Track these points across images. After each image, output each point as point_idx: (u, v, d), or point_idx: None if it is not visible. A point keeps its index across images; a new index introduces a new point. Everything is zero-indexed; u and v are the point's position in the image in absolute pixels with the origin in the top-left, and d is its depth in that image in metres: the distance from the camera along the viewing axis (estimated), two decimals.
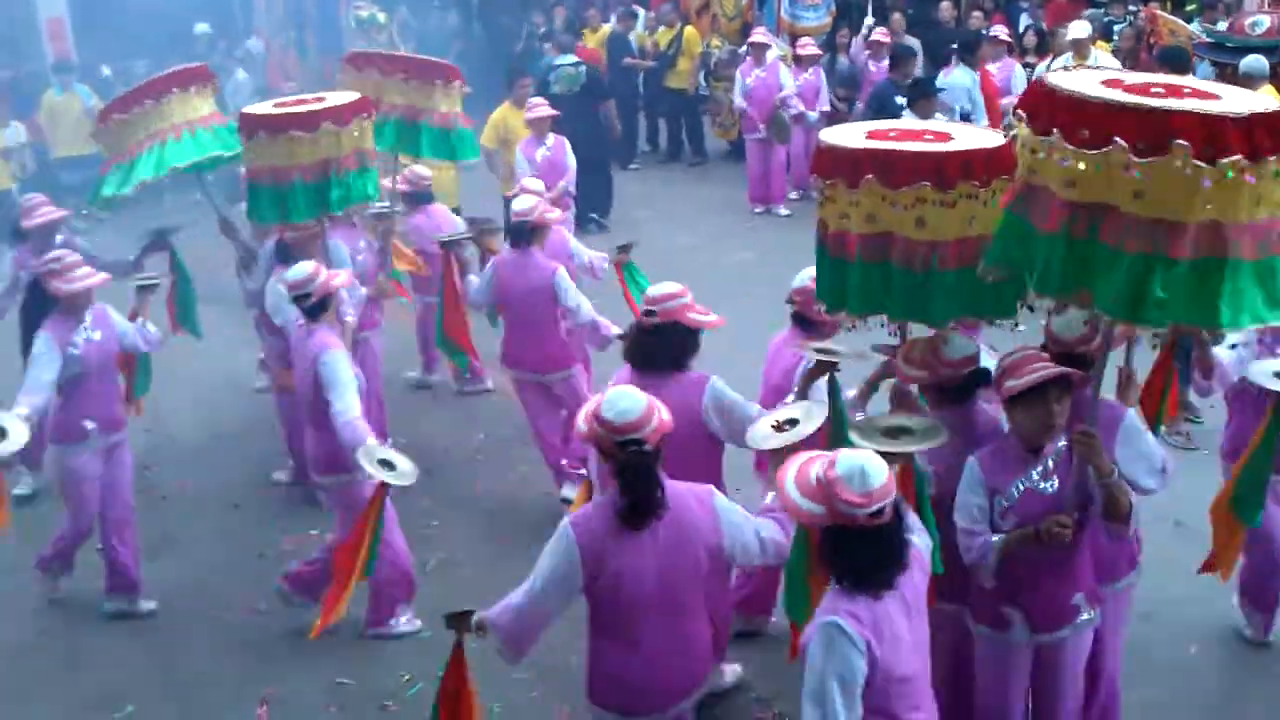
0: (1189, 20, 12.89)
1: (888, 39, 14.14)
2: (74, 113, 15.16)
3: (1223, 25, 12.02)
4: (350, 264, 7.89)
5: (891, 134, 4.80)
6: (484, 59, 17.82)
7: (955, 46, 13.32)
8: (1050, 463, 4.45)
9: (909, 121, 5.86)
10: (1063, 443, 4.47)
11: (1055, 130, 3.85)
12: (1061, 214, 3.87)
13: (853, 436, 4.47)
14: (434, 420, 9.26)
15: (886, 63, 13.51)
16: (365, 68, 8.89)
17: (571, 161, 11.01)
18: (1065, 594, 4.49)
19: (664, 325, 5.37)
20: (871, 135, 4.80)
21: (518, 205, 7.68)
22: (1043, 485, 4.42)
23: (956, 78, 12.51)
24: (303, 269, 6.43)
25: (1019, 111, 4.13)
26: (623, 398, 4.22)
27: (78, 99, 15.32)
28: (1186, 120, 3.62)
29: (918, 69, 13.34)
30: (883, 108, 11.73)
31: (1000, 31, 13.50)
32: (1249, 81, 10.45)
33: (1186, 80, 4.21)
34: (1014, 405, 4.42)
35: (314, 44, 20.35)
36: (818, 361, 5.10)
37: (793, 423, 4.70)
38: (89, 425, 6.67)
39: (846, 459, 3.68)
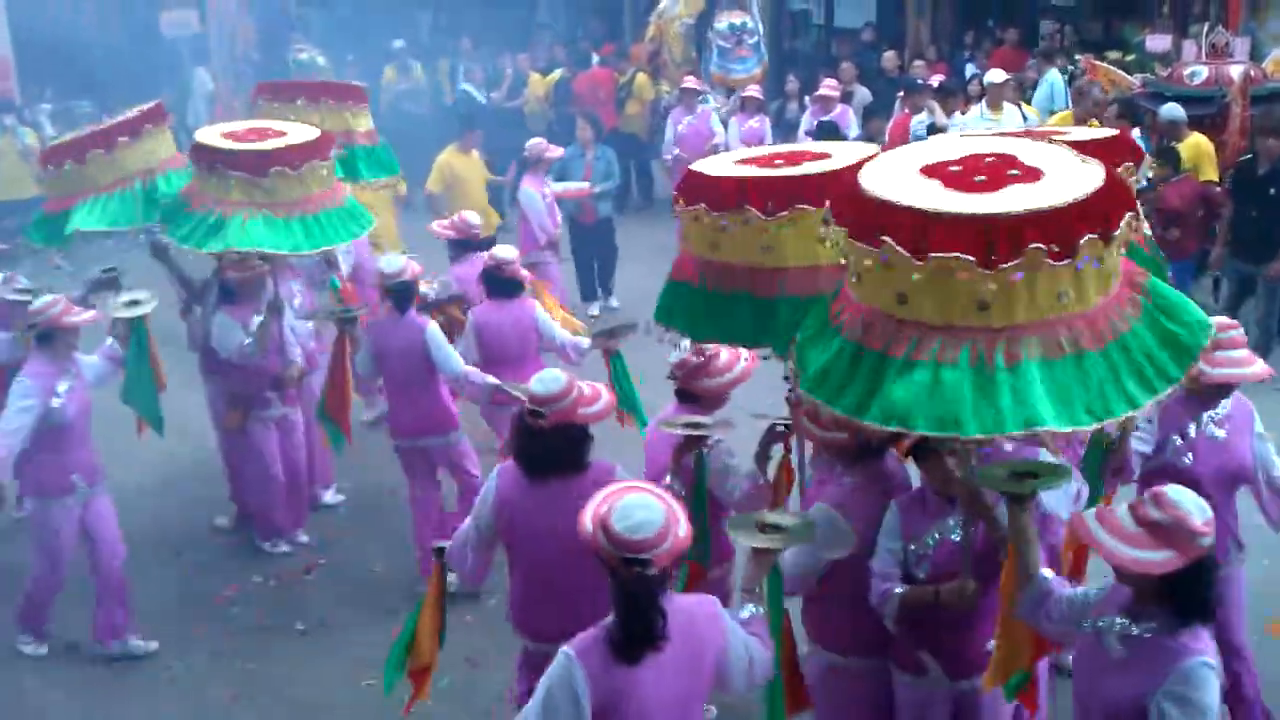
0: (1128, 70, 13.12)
1: (836, 91, 14.26)
2: (12, 154, 14.98)
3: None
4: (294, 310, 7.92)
5: (767, 160, 5.03)
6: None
7: (902, 95, 13.51)
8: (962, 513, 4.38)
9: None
10: None
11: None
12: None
13: (729, 530, 4.38)
14: (381, 464, 9.11)
15: (836, 111, 13.69)
16: (279, 96, 8.89)
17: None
18: (980, 640, 4.43)
19: (559, 426, 4.74)
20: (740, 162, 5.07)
21: (386, 266, 7.32)
22: (956, 534, 4.38)
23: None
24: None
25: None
26: (640, 508, 3.60)
27: (16, 140, 15.14)
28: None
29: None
30: None
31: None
32: (1174, 129, 10.73)
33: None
34: (917, 459, 4.45)
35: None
36: (686, 437, 5.03)
37: (777, 529, 4.20)
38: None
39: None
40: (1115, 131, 5.42)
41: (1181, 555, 3.48)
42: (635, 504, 3.60)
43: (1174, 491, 3.57)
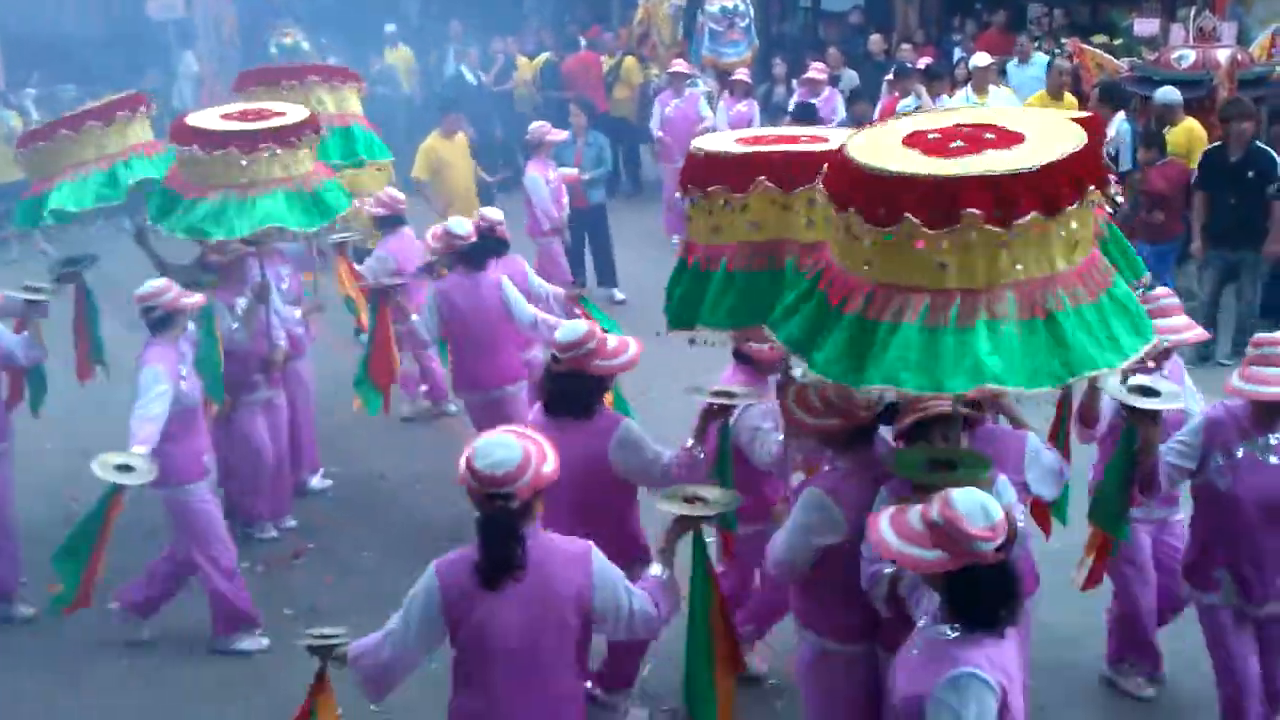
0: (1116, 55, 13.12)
1: (823, 75, 14.26)
2: None
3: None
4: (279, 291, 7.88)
5: (765, 139, 4.92)
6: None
7: (889, 79, 13.52)
8: None
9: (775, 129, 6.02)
10: None
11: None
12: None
13: (660, 501, 4.50)
14: (369, 448, 9.14)
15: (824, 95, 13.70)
16: (258, 86, 8.85)
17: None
18: None
19: (572, 373, 5.25)
20: (742, 141, 4.92)
21: (456, 228, 7.69)
22: None
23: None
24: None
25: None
26: (499, 447, 3.94)
27: (1, 124, 15.07)
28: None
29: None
30: None
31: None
32: (1169, 112, 10.74)
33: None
34: (909, 441, 4.47)
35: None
36: (712, 405, 5.11)
37: (702, 500, 4.50)
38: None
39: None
40: (1086, 114, 5.37)
41: (953, 557, 3.50)
42: (495, 444, 3.95)
43: (959, 493, 3.57)
